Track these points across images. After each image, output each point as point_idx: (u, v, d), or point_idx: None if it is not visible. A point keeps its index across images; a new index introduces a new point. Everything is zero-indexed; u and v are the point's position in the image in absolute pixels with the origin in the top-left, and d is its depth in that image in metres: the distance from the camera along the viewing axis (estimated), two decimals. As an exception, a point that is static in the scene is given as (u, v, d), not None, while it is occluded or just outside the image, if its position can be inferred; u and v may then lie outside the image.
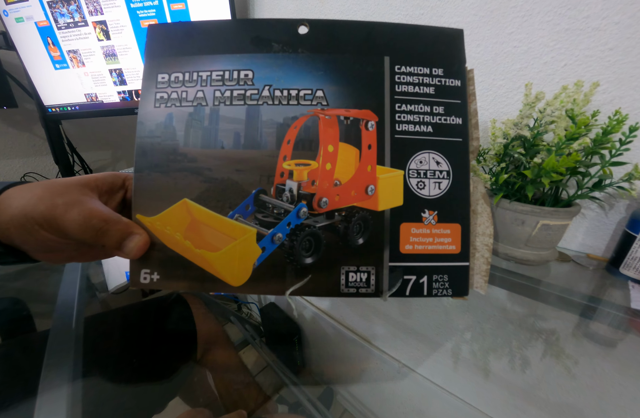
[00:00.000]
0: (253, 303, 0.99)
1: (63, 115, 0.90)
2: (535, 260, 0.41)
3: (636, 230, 0.36)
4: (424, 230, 0.18)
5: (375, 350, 0.55)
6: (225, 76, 0.19)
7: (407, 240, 0.18)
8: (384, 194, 0.18)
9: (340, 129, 0.19)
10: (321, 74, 0.19)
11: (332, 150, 0.19)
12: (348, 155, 0.19)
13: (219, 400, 0.52)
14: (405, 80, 0.19)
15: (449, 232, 0.18)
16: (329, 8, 0.64)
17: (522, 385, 0.39)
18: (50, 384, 0.28)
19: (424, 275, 0.18)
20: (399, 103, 0.19)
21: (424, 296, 0.18)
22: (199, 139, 0.19)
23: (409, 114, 0.19)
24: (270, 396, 0.56)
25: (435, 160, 0.19)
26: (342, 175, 0.19)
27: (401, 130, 0.18)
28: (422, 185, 0.18)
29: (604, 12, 0.36)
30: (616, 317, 0.34)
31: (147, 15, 0.74)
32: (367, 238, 0.18)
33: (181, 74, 0.20)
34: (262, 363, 0.64)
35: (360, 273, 0.18)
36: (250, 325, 0.83)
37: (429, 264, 0.18)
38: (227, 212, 0.19)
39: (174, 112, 0.19)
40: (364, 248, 0.18)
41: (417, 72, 0.19)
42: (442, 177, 0.19)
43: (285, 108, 0.19)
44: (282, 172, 0.19)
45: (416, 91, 0.19)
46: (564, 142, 0.34)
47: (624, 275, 0.38)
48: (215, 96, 0.19)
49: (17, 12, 0.76)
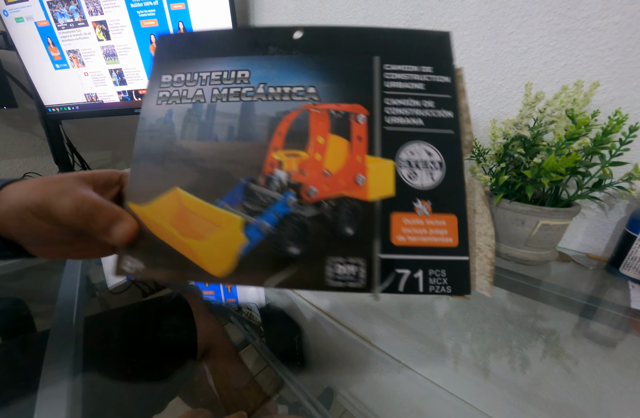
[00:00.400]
0: (253, 303, 0.99)
1: (63, 115, 0.90)
2: (535, 260, 0.41)
3: (636, 230, 0.36)
4: (417, 220, 0.18)
5: (375, 350, 0.55)
6: (223, 76, 0.20)
7: (399, 231, 0.18)
8: (374, 183, 0.18)
9: (332, 122, 0.19)
10: (314, 72, 0.20)
11: (322, 142, 0.19)
12: (338, 146, 0.19)
13: (219, 400, 0.52)
14: (394, 78, 0.19)
15: (445, 223, 0.18)
16: (329, 8, 0.64)
17: (522, 385, 0.39)
18: (51, 384, 0.28)
19: (419, 269, 0.17)
20: (388, 98, 0.19)
21: (419, 293, 0.17)
22: (195, 133, 0.20)
23: (398, 108, 0.19)
24: (270, 396, 0.55)
25: (427, 150, 0.19)
26: (332, 165, 0.19)
27: (391, 123, 0.19)
28: (414, 176, 0.18)
29: (604, 12, 0.36)
30: (616, 317, 0.34)
31: (147, 15, 0.74)
32: (356, 228, 0.18)
33: (183, 75, 0.21)
34: (262, 363, 0.64)
35: (349, 265, 0.17)
36: (250, 325, 0.83)
37: (424, 257, 0.17)
38: (217, 201, 0.19)
39: (174, 109, 0.21)
40: (353, 239, 0.18)
41: (406, 69, 0.20)
42: (435, 167, 0.18)
43: (278, 103, 0.19)
44: (272, 162, 0.19)
45: (406, 87, 0.19)
46: (564, 142, 0.34)
47: (624, 275, 0.38)
48: (213, 94, 0.20)
49: (17, 12, 0.76)
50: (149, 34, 0.76)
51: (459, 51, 0.49)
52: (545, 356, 0.38)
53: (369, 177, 0.18)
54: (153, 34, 0.76)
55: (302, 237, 0.18)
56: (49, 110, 0.89)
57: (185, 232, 0.18)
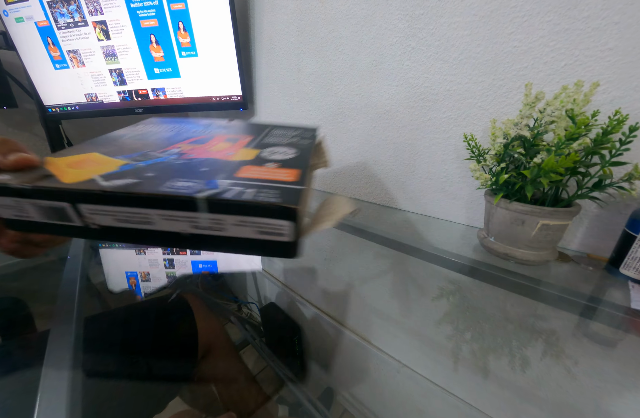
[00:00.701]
0: (253, 303, 0.99)
1: (63, 115, 0.90)
2: (535, 260, 0.41)
3: (636, 230, 0.36)
4: (263, 169, 0.22)
5: (375, 350, 0.55)
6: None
7: (244, 172, 0.22)
8: (238, 156, 0.25)
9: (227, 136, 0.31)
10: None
11: (214, 143, 0.29)
12: (225, 145, 0.28)
13: (219, 400, 0.52)
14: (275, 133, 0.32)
15: (288, 172, 0.22)
16: (329, 8, 0.64)
17: (522, 385, 0.39)
18: (50, 384, 0.29)
19: (254, 188, 0.19)
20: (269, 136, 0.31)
21: (245, 201, 0.18)
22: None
23: (275, 137, 0.31)
24: (270, 396, 0.55)
25: (284, 150, 0.27)
26: (215, 151, 0.27)
27: (265, 142, 0.29)
28: (273, 154, 0.26)
29: (604, 12, 0.36)
30: (616, 317, 0.34)
31: (147, 15, 0.74)
32: (211, 171, 0.22)
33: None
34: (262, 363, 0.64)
35: (189, 183, 0.19)
36: (250, 325, 0.83)
37: (260, 183, 0.20)
38: (118, 156, 0.24)
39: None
40: (204, 174, 0.21)
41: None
42: (288, 154, 0.26)
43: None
44: (175, 146, 0.28)
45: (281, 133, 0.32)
46: (564, 142, 0.34)
47: (624, 275, 0.38)
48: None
49: (17, 12, 0.76)
50: (149, 34, 0.76)
51: (459, 51, 0.49)
52: (545, 356, 0.38)
53: (236, 154, 0.25)
54: (153, 34, 0.76)
55: (164, 170, 0.21)
56: (49, 110, 0.89)
57: (73, 167, 0.21)
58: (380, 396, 0.59)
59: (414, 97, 0.57)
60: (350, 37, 0.62)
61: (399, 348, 0.53)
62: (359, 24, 0.60)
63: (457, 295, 0.48)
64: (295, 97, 0.79)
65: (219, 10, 0.73)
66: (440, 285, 0.50)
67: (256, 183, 0.20)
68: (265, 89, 0.88)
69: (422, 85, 0.55)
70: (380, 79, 0.61)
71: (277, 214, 0.18)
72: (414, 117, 0.58)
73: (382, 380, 0.58)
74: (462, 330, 0.46)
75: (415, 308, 0.53)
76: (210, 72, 0.80)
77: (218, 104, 0.85)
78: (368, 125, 0.66)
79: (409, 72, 0.56)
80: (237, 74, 0.80)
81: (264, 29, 0.80)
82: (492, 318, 0.45)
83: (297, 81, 0.77)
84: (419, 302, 0.52)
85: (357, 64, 0.63)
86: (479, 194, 0.54)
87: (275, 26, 0.77)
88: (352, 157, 0.72)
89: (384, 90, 0.61)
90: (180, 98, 0.84)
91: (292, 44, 0.74)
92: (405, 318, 0.54)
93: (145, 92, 0.84)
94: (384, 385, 0.58)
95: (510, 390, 0.40)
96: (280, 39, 0.77)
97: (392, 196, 0.68)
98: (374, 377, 0.59)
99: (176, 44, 0.77)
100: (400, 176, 0.64)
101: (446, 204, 0.59)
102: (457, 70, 0.50)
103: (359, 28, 0.60)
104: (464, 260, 0.45)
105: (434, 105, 0.55)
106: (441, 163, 0.57)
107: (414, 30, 0.53)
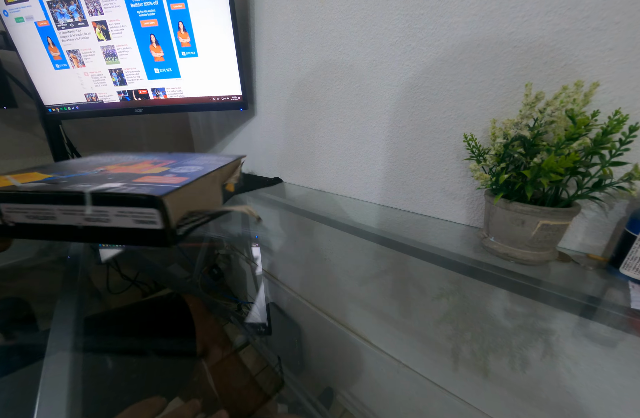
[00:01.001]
0: (253, 303, 0.99)
1: (63, 115, 0.90)
2: (535, 260, 0.41)
3: (636, 230, 0.36)
4: (159, 178, 0.26)
5: (375, 350, 0.55)
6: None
7: (142, 179, 0.25)
8: (151, 170, 0.29)
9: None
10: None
11: (138, 166, 0.33)
12: (146, 166, 0.32)
13: (218, 400, 0.52)
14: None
15: (177, 179, 0.26)
16: (329, 8, 0.64)
17: (522, 385, 0.39)
18: (51, 384, 0.29)
19: (135, 186, 0.23)
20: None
21: (121, 193, 0.22)
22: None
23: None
24: (271, 396, 0.55)
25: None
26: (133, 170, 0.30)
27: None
28: (181, 169, 0.30)
29: (604, 12, 0.36)
30: (616, 317, 0.34)
31: (147, 15, 0.74)
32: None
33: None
34: (262, 363, 0.64)
35: (85, 184, 0.23)
36: (250, 325, 0.83)
37: (145, 184, 0.24)
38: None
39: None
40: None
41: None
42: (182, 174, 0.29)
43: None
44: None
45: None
46: (564, 142, 0.34)
47: (624, 275, 0.38)
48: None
49: (17, 12, 0.76)
50: (149, 34, 0.76)
51: (459, 51, 0.49)
52: (545, 356, 0.38)
53: (149, 170, 0.29)
54: (153, 34, 0.76)
55: (76, 179, 0.25)
56: (49, 110, 0.89)
57: (13, 178, 0.25)
58: (380, 396, 0.59)
59: (414, 97, 0.57)
60: (350, 37, 0.62)
61: (398, 348, 0.53)
62: (359, 24, 0.60)
63: (457, 295, 0.48)
64: (295, 97, 0.79)
65: (219, 10, 0.73)
66: (440, 285, 0.50)
67: (142, 184, 0.24)
68: (265, 89, 0.88)
69: (422, 85, 0.55)
70: (380, 79, 0.61)
71: (145, 203, 0.21)
72: (414, 117, 0.58)
73: (382, 380, 0.58)
74: (462, 330, 0.46)
75: (415, 308, 0.53)
76: (210, 72, 0.80)
77: (218, 104, 0.85)
78: (368, 125, 0.66)
79: (409, 72, 0.56)
80: (237, 74, 0.80)
81: (264, 29, 0.80)
82: (492, 318, 0.45)
83: (297, 81, 0.77)
84: (418, 302, 0.52)
85: (357, 64, 0.64)
86: (479, 194, 0.54)
87: (275, 26, 0.77)
88: (352, 157, 0.72)
89: (384, 90, 0.61)
90: (180, 98, 0.84)
91: (292, 44, 0.74)
92: (405, 318, 0.54)
93: (145, 92, 0.84)
94: (384, 385, 0.58)
95: (510, 390, 0.40)
96: (280, 39, 0.77)
97: (392, 196, 0.68)
98: (373, 377, 0.59)
99: (176, 44, 0.77)
100: (400, 176, 0.64)
101: (446, 204, 0.59)
102: (457, 70, 0.50)
103: (359, 28, 0.60)
104: (464, 260, 0.45)
105: (434, 105, 0.55)
106: (441, 163, 0.57)
107: (414, 30, 0.53)
